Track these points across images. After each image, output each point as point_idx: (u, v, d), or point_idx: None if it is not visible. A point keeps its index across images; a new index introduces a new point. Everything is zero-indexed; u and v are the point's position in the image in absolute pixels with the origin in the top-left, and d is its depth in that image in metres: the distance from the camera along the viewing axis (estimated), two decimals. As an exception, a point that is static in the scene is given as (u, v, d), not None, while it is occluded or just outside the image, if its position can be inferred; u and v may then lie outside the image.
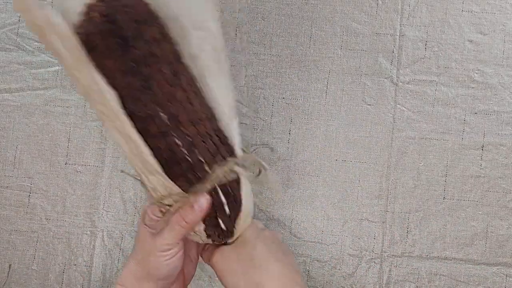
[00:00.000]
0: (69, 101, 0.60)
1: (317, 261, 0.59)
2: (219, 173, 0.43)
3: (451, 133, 0.60)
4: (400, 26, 0.61)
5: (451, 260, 0.59)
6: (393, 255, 0.59)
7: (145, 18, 0.42)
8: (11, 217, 0.59)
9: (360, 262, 0.59)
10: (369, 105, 0.60)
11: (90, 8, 0.41)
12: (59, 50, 0.39)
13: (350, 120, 0.60)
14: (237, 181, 0.46)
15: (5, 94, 0.60)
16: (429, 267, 0.58)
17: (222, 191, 0.45)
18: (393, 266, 0.59)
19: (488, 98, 0.60)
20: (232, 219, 0.46)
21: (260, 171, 0.48)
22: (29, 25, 0.39)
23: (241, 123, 0.60)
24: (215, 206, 0.45)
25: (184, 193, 0.44)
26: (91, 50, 0.40)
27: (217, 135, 0.45)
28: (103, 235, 0.59)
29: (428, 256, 0.59)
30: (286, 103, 0.60)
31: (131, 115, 0.42)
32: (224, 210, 0.45)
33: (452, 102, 0.60)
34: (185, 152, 0.43)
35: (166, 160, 0.43)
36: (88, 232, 0.59)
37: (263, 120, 0.60)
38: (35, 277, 0.59)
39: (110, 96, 0.40)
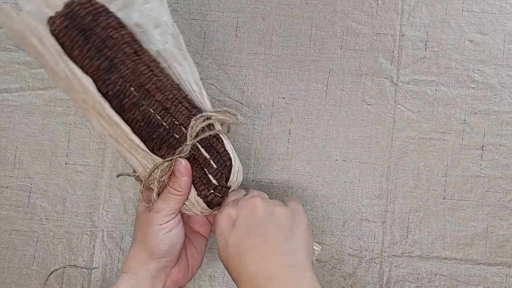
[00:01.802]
0: (69, 101, 0.60)
1: (317, 261, 0.59)
2: (195, 126, 0.47)
3: (451, 133, 0.60)
4: (400, 26, 0.61)
5: (451, 260, 0.59)
6: (393, 255, 0.59)
7: (99, 12, 0.49)
8: (11, 217, 0.59)
9: (360, 262, 0.59)
10: (369, 105, 0.60)
11: (53, 17, 0.49)
12: (38, 50, 0.47)
13: (350, 120, 0.60)
14: (216, 137, 0.49)
15: (5, 94, 0.60)
16: (429, 267, 0.58)
17: (203, 147, 0.48)
18: (393, 266, 0.59)
19: (488, 98, 0.60)
20: (222, 173, 0.49)
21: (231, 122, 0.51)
22: (10, 31, 0.46)
23: (241, 123, 0.60)
24: (201, 163, 0.48)
25: (169, 160, 0.47)
26: (62, 48, 0.47)
27: (187, 102, 0.49)
28: (103, 235, 0.59)
29: (428, 256, 0.59)
30: (286, 103, 0.60)
31: (106, 96, 0.47)
32: (211, 165, 0.48)
33: (452, 102, 0.60)
34: (159, 117, 0.48)
35: (145, 131, 0.48)
36: (88, 232, 0.59)
37: (263, 120, 0.60)
38: (35, 277, 0.59)
39: (87, 82, 0.46)
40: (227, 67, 0.61)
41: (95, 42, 0.47)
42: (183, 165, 0.48)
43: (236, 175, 0.50)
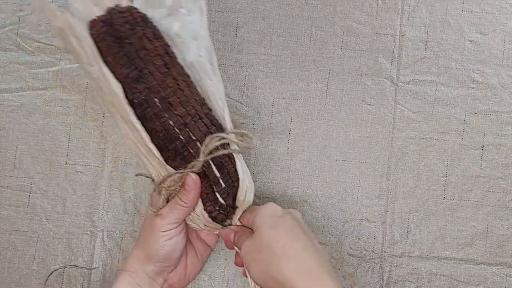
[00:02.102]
0: (69, 101, 0.60)
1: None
2: (209, 145, 0.48)
3: (451, 133, 0.60)
4: (400, 26, 0.61)
5: (451, 260, 0.59)
6: (393, 255, 0.59)
7: (137, 21, 0.50)
8: (11, 217, 0.59)
9: (360, 262, 0.59)
10: (369, 105, 0.60)
11: (93, 20, 0.51)
12: (76, 49, 0.49)
13: (350, 120, 0.60)
14: (229, 156, 0.50)
15: (5, 94, 0.60)
16: (429, 267, 0.58)
17: (215, 165, 0.49)
18: (393, 266, 0.59)
19: (488, 98, 0.60)
20: (229, 193, 0.50)
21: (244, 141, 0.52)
22: (55, 29, 0.49)
23: (241, 123, 0.60)
24: (211, 180, 0.50)
25: (181, 172, 0.49)
26: (97, 51, 0.49)
27: (208, 118, 0.50)
28: (103, 235, 0.59)
29: (428, 256, 0.59)
30: (286, 103, 0.60)
31: (131, 103, 0.49)
32: (220, 183, 0.50)
33: (452, 102, 0.60)
34: (177, 131, 0.49)
35: (163, 141, 0.49)
36: (88, 232, 0.59)
37: (263, 120, 0.60)
38: (35, 277, 0.59)
39: (116, 87, 0.48)
40: (227, 67, 0.61)
41: (129, 51, 0.49)
42: (193, 179, 0.49)
43: (244, 196, 0.51)
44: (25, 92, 0.60)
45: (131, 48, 0.49)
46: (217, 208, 0.50)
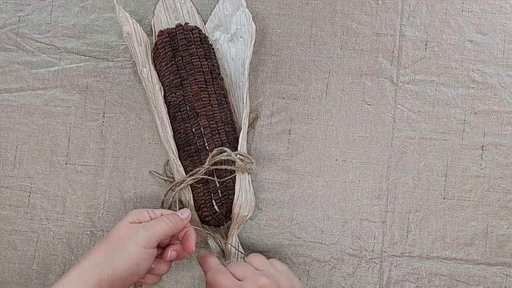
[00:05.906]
0: (69, 101, 0.60)
1: (317, 261, 0.59)
2: (215, 156, 0.55)
3: (451, 133, 0.60)
4: (400, 26, 0.61)
5: (451, 260, 0.59)
6: (393, 255, 0.59)
7: (195, 40, 0.58)
8: (11, 217, 0.59)
9: (360, 262, 0.59)
10: (369, 105, 0.60)
11: (162, 30, 0.59)
12: (137, 51, 0.58)
13: (350, 120, 0.60)
14: (231, 172, 0.56)
15: (5, 94, 0.60)
16: (429, 267, 0.58)
17: (217, 176, 0.56)
18: (393, 266, 0.59)
19: (488, 98, 0.60)
20: (223, 203, 0.56)
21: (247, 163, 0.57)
22: (124, 33, 0.57)
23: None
24: (210, 189, 0.56)
25: (192, 177, 0.55)
26: (157, 56, 0.58)
27: (226, 135, 0.57)
28: (103, 235, 0.59)
29: (428, 256, 0.59)
30: (286, 103, 0.60)
31: (168, 104, 0.58)
32: (217, 193, 0.56)
33: (452, 102, 0.60)
34: (195, 138, 0.56)
35: (181, 142, 0.57)
36: (88, 232, 0.59)
37: (263, 120, 0.60)
38: (35, 277, 0.59)
39: (158, 88, 0.58)
40: (227, 67, 0.61)
41: (179, 63, 0.57)
42: (188, 213, 0.53)
43: (239, 210, 0.55)
44: (25, 92, 0.60)
45: (182, 60, 0.57)
46: (211, 215, 0.56)
